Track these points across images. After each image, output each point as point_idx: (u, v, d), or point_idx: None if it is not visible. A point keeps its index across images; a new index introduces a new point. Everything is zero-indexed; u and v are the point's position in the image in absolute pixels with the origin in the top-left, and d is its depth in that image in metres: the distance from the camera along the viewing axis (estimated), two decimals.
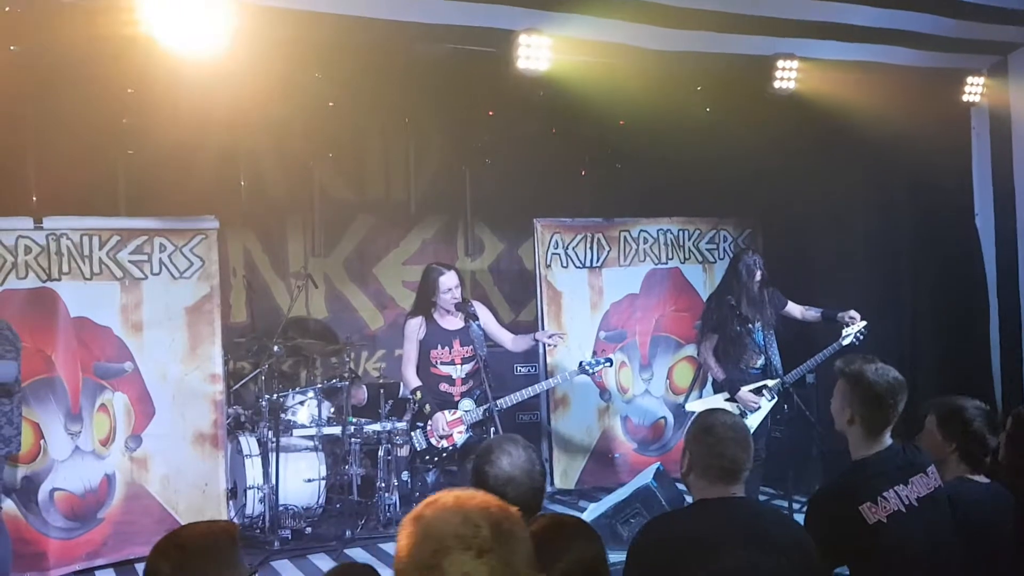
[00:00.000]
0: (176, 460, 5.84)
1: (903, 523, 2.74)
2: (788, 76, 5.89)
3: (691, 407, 6.52)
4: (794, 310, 6.14)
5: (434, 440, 5.65)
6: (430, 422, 5.64)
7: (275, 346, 6.26)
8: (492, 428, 5.43)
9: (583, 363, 5.86)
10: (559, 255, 7.21)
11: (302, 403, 6.46)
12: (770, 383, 5.87)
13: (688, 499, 2.80)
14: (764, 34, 5.61)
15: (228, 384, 6.29)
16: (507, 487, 2.42)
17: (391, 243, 8.34)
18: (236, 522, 5.80)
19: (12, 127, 6.10)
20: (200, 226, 5.99)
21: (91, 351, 5.68)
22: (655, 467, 5.82)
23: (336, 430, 6.36)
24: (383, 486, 6.16)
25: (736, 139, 6.58)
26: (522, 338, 5.95)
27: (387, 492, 6.17)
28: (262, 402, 6.16)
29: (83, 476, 5.60)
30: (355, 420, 6.35)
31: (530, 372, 7.29)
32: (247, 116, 6.36)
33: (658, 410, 7.51)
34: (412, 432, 5.78)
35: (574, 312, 7.22)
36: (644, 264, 7.47)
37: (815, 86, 5.98)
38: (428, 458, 5.75)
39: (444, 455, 5.70)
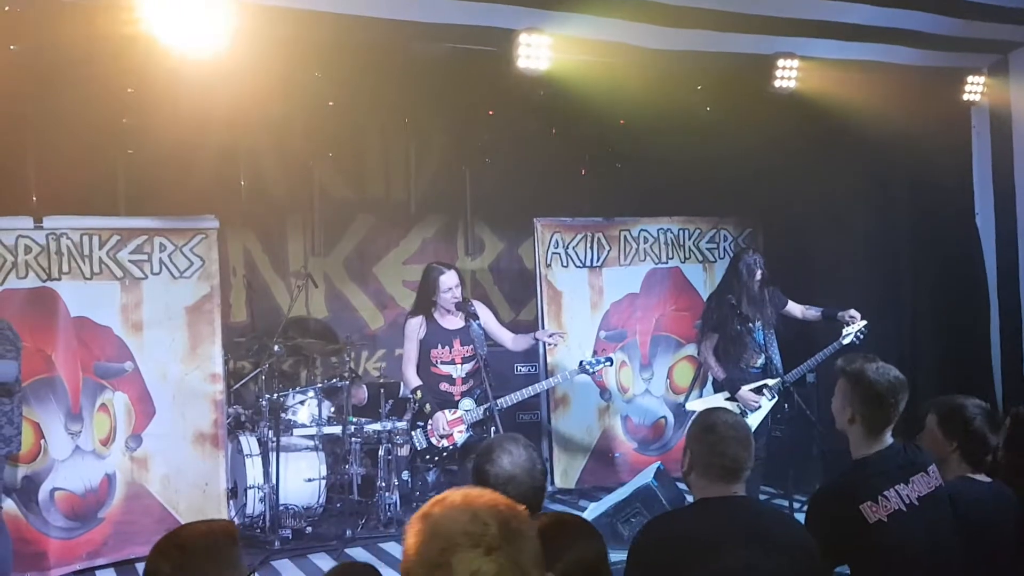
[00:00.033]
0: (176, 460, 5.84)
1: (904, 522, 2.74)
2: (788, 75, 5.88)
3: (691, 406, 6.51)
4: (794, 309, 6.14)
5: (434, 439, 5.65)
6: (430, 421, 5.64)
7: (275, 346, 6.26)
8: (492, 427, 5.43)
9: (583, 362, 5.86)
10: (559, 254, 7.21)
11: (302, 403, 6.47)
12: (770, 382, 5.86)
13: (689, 498, 2.80)
14: (764, 33, 5.61)
15: (228, 384, 6.29)
16: (508, 486, 2.42)
17: (391, 242, 8.33)
18: (236, 521, 5.82)
19: (12, 126, 6.09)
20: (200, 226, 5.99)
21: (91, 351, 5.68)
22: (655, 466, 5.82)
23: (336, 430, 6.36)
24: (383, 485, 6.16)
25: (736, 138, 6.57)
26: (522, 337, 5.95)
27: (387, 491, 6.17)
28: (262, 402, 6.16)
29: (83, 476, 5.60)
30: (355, 420, 6.35)
31: (530, 371, 7.30)
32: (247, 115, 6.35)
33: (658, 409, 7.51)
34: (412, 431, 5.78)
35: (574, 311, 7.21)
36: (644, 263, 7.46)
37: (815, 85, 5.97)
38: (428, 457, 5.75)
39: (444, 454, 5.70)
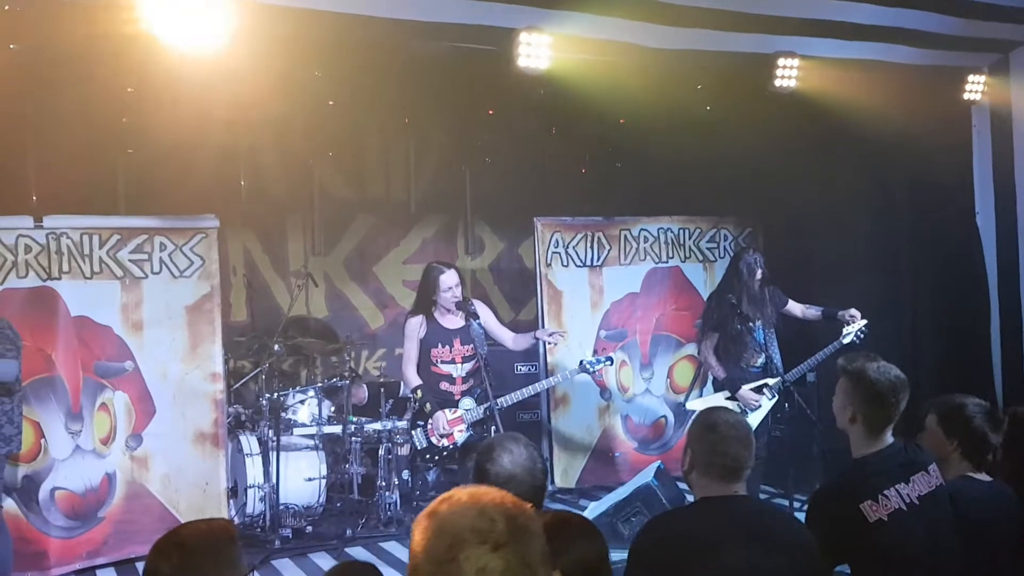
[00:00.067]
0: (177, 459, 5.84)
1: (904, 521, 2.73)
2: (789, 74, 5.87)
3: (691, 406, 6.51)
4: (794, 308, 6.14)
5: (435, 439, 5.65)
6: (431, 421, 5.64)
7: (275, 345, 6.25)
8: (493, 427, 5.43)
9: (583, 362, 5.86)
10: (559, 254, 7.20)
11: (302, 402, 6.46)
12: (771, 382, 5.86)
13: (689, 498, 2.79)
14: (765, 32, 5.60)
15: (228, 383, 6.29)
16: (508, 485, 2.41)
17: (391, 242, 8.33)
18: (236, 521, 5.82)
19: (12, 126, 6.09)
20: (200, 225, 5.99)
21: (91, 350, 5.68)
22: (656, 466, 5.82)
23: (337, 429, 6.35)
24: (384, 485, 6.16)
25: (737, 137, 6.57)
26: (522, 337, 5.95)
27: (388, 491, 6.17)
28: (263, 401, 6.16)
29: (84, 475, 5.60)
30: (356, 419, 6.35)
31: (530, 371, 7.29)
32: (247, 114, 6.36)
33: (659, 409, 7.51)
34: (413, 431, 5.78)
35: (574, 311, 7.21)
36: (644, 263, 7.46)
37: (816, 84, 5.96)
38: (429, 457, 5.75)
39: (445, 454, 5.70)
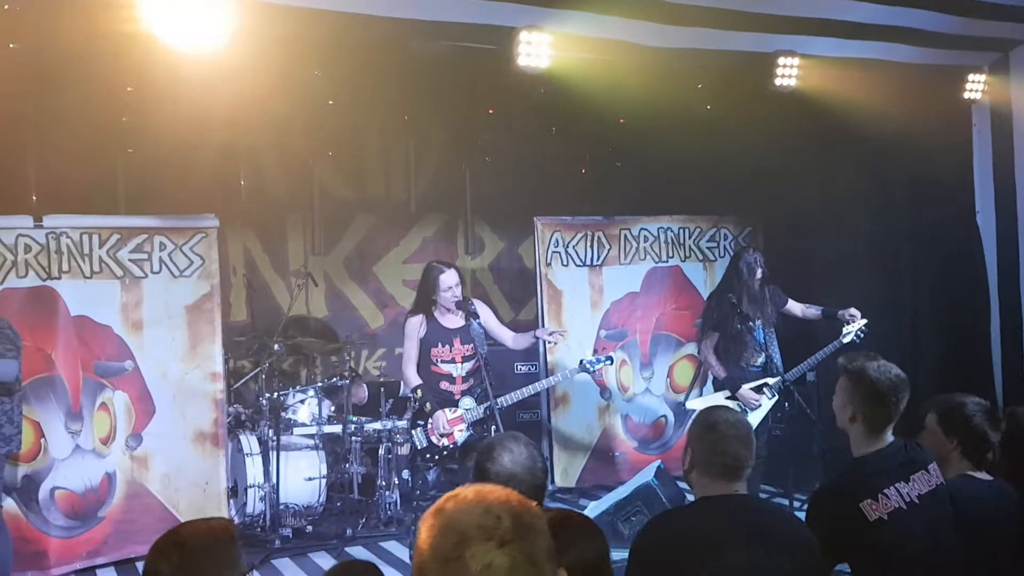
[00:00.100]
0: (177, 459, 5.84)
1: (904, 520, 2.74)
2: (789, 73, 5.86)
3: (691, 405, 6.51)
4: (795, 308, 6.14)
5: (435, 438, 5.65)
6: (431, 420, 5.63)
7: (275, 345, 6.25)
8: (493, 426, 5.42)
9: (583, 361, 5.85)
10: (559, 253, 7.20)
11: (302, 402, 6.46)
12: (771, 381, 5.86)
13: (689, 497, 2.79)
14: (765, 31, 5.60)
15: (228, 383, 6.29)
16: (509, 484, 2.38)
17: (391, 241, 8.33)
18: (236, 520, 5.82)
19: (12, 125, 6.09)
20: (200, 224, 5.99)
21: (91, 350, 5.68)
22: (656, 465, 5.80)
23: (337, 428, 6.35)
24: (384, 484, 6.16)
25: (737, 137, 6.57)
26: (522, 336, 5.94)
27: (388, 490, 6.17)
28: (262, 401, 6.16)
29: (84, 475, 5.60)
30: (356, 418, 6.35)
31: (530, 370, 7.29)
32: (247, 114, 6.35)
33: (659, 408, 7.50)
34: (413, 430, 5.77)
35: (574, 310, 7.21)
36: (644, 262, 7.46)
37: (816, 83, 5.96)
38: (429, 456, 5.74)
39: (445, 453, 5.70)
